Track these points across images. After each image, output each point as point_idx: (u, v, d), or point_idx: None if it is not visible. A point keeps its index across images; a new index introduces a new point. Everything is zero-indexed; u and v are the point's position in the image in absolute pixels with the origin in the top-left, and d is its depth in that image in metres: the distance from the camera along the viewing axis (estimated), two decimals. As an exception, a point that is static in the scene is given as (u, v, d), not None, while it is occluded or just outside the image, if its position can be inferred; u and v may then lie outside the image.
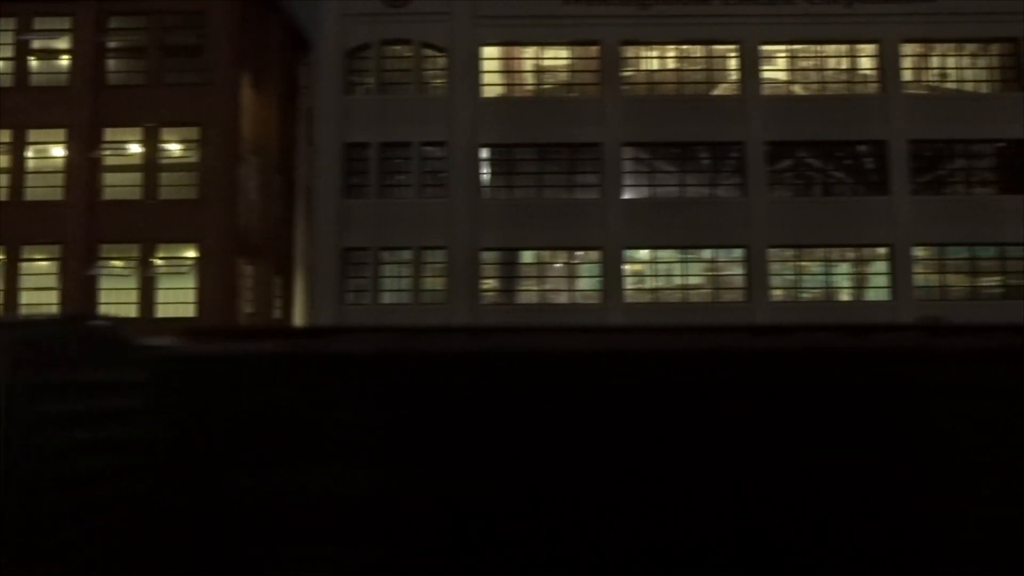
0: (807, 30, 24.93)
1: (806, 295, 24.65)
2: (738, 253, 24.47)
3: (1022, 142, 24.52)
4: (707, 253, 24.75)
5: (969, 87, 25.54)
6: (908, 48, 25.25)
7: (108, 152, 25.28)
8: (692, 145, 24.81)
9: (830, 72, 25.50)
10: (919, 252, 24.58)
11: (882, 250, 24.45)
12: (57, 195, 24.62)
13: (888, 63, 24.90)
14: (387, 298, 24.21)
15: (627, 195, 24.77)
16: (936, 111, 24.76)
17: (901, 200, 24.36)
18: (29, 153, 25.00)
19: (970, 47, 25.51)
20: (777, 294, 24.57)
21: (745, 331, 4.03)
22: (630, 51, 25.29)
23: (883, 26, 24.77)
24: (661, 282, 24.77)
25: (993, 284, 24.61)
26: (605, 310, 23.90)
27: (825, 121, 24.56)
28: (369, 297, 24.07)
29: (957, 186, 25.04)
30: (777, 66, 25.39)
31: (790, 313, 23.69)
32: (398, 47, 24.87)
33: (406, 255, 24.21)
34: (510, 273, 24.77)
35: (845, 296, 24.76)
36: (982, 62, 25.54)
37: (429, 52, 24.92)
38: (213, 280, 24.94)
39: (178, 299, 24.70)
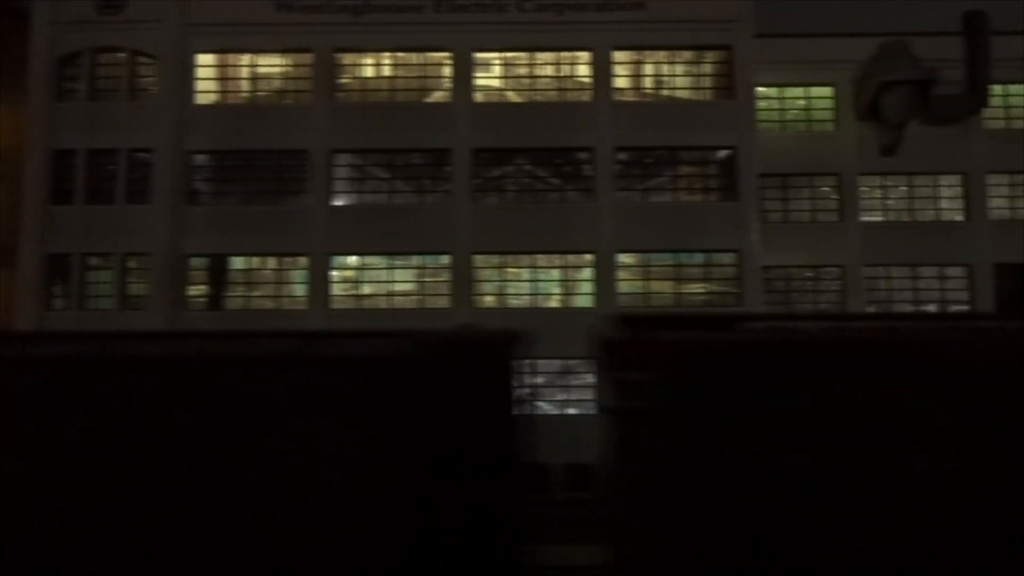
0: (520, 38, 25.04)
1: (515, 301, 24.71)
2: (445, 259, 24.55)
3: (731, 149, 24.62)
4: (416, 259, 24.82)
5: (686, 95, 25.61)
6: (621, 56, 25.33)
7: None
8: (403, 152, 24.91)
9: (546, 79, 25.61)
10: (626, 259, 24.65)
11: (588, 256, 24.52)
12: None
13: (600, 71, 24.99)
14: (93, 304, 24.31)
15: (338, 202, 24.88)
16: (646, 118, 24.87)
17: (607, 206, 24.44)
18: None
19: (686, 55, 25.59)
20: (487, 300, 24.66)
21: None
22: (347, 58, 25.43)
23: (595, 34, 24.88)
24: (371, 288, 24.86)
25: (698, 291, 24.67)
26: (311, 316, 24.02)
27: (537, 128, 24.67)
28: (75, 302, 24.19)
29: (664, 193, 25.10)
30: (491, 73, 25.49)
31: (496, 319, 23.75)
32: (111, 54, 25.01)
33: (112, 261, 24.31)
34: (219, 279, 24.85)
35: (554, 302, 24.82)
36: (696, 70, 25.63)
37: (143, 60, 25.07)
38: (-69, 286, 25.12)
39: None
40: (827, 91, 27.99)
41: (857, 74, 27.29)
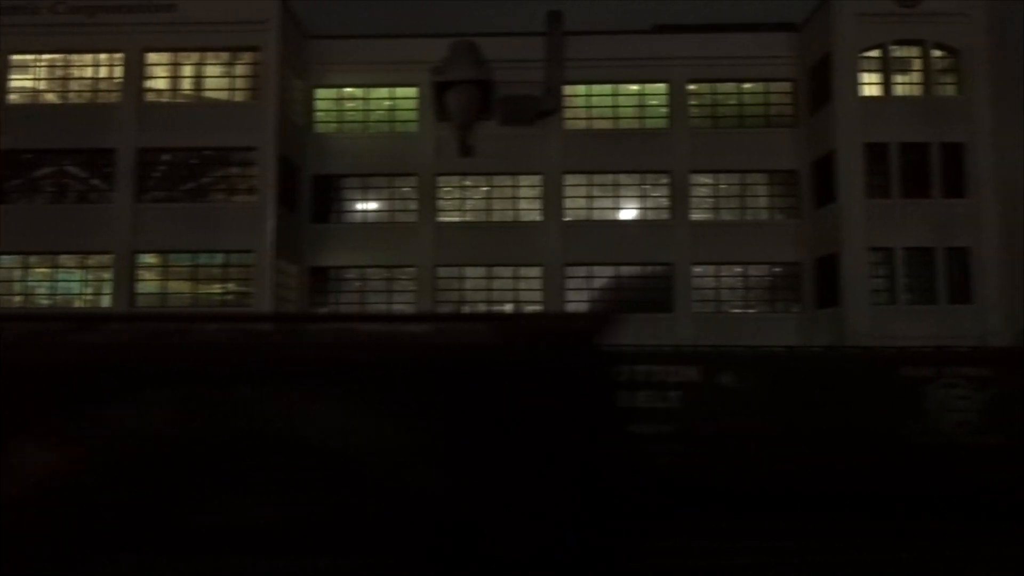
0: (52, 40, 25.25)
1: (44, 301, 24.91)
2: (-32, 260, 24.78)
3: (251, 150, 24.73)
4: (-55, 260, 25.07)
5: (224, 95, 25.73)
6: (157, 57, 25.51)
7: None
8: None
9: (84, 81, 25.79)
10: (148, 259, 24.82)
11: (108, 257, 24.68)
12: None
13: (131, 73, 25.17)
14: None
15: None
16: (176, 120, 25.03)
17: (126, 207, 24.61)
18: None
19: (224, 56, 25.71)
20: (15, 300, 24.87)
21: None
22: None
23: (127, 36, 25.06)
24: (-98, 289, 25.12)
25: (218, 291, 24.80)
26: None
27: (70, 130, 24.88)
28: None
29: (187, 193, 25.20)
30: (28, 75, 25.71)
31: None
32: None
33: None
34: None
35: (79, 303, 24.98)
36: (231, 71, 25.75)
37: None
38: None
39: None
40: (412, 91, 28.06)
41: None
